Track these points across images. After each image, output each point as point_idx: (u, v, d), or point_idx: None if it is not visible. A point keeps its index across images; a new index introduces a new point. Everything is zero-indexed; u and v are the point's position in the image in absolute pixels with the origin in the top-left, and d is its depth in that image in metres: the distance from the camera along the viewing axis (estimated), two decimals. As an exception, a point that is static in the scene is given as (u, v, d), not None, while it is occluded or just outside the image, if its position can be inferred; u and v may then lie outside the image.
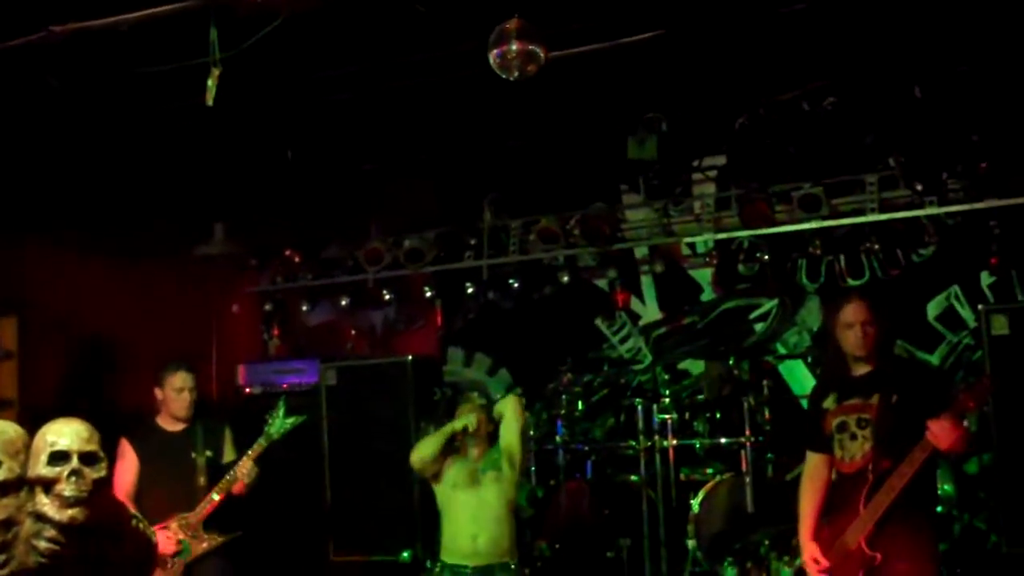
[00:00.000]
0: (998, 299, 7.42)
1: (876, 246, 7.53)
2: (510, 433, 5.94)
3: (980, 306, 6.93)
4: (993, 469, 6.78)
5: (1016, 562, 6.47)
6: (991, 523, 6.96)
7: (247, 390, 8.75)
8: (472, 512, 5.84)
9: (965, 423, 4.28)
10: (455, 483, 5.95)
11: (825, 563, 4.44)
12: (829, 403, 4.63)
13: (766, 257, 7.80)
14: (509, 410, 6.00)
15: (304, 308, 9.11)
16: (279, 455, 6.37)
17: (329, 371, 8.35)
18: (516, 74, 4.92)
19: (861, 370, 4.58)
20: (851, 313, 4.53)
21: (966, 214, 7.22)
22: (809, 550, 4.54)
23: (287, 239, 9.04)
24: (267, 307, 9.18)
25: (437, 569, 6.00)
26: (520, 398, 6.33)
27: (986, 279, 7.60)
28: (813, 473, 4.71)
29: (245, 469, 5.99)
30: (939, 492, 7.02)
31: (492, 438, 6.12)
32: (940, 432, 4.18)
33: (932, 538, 4.48)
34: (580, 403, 8.03)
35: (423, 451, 6.04)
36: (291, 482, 7.89)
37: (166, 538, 5.84)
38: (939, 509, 7.12)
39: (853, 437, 4.49)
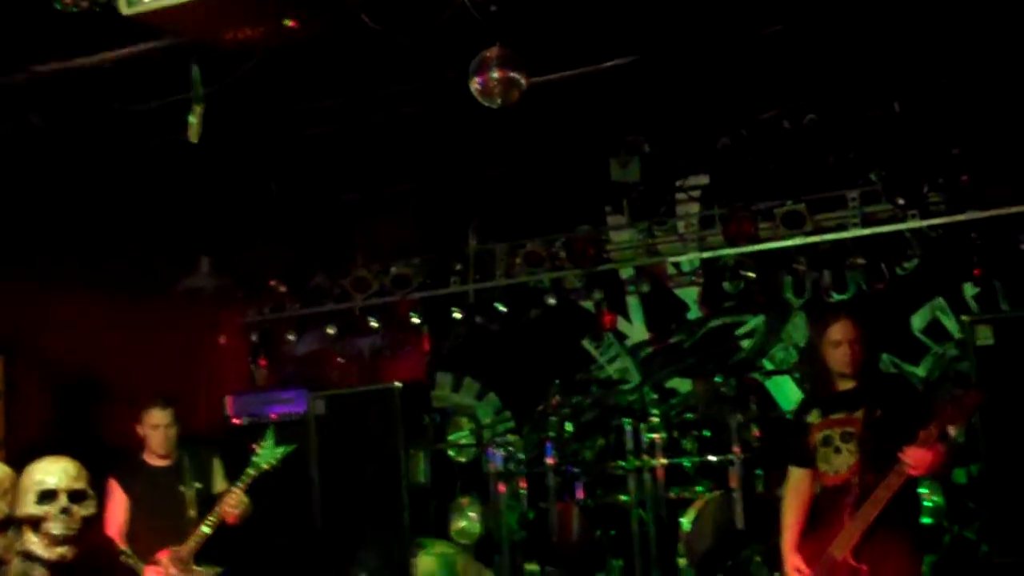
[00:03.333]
0: (982, 309, 7.48)
1: (860, 260, 7.56)
2: None
3: (964, 317, 6.97)
4: (981, 479, 6.81)
5: (1006, 571, 6.48)
6: (981, 533, 6.99)
7: (235, 421, 8.72)
8: None
9: (950, 436, 4.30)
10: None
11: (808, 573, 4.46)
12: (813, 417, 4.67)
13: (751, 274, 7.83)
14: None
15: (291, 338, 9.10)
16: (269, 485, 6.34)
17: (317, 400, 8.34)
18: (498, 101, 4.95)
19: (846, 385, 4.62)
20: (839, 331, 4.57)
21: (948, 226, 7.27)
22: (792, 561, 4.57)
23: (273, 270, 9.04)
24: (254, 338, 9.17)
25: None
26: None
27: (970, 290, 7.66)
28: (796, 487, 4.75)
29: (234, 500, 5.95)
30: (928, 503, 7.07)
31: None
32: (915, 459, 4.24)
33: (916, 550, 4.53)
34: (569, 425, 8.02)
35: None
36: (282, 512, 7.86)
37: (157, 574, 5.81)
38: (928, 520, 7.16)
39: (838, 451, 4.52)
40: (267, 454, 6.12)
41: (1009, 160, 6.94)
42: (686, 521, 7.19)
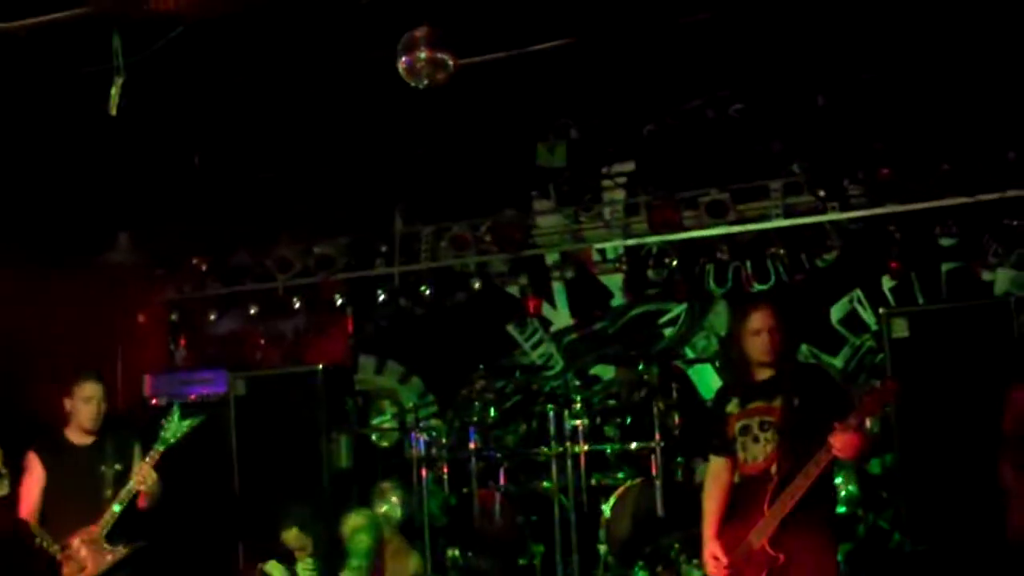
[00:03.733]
0: (899, 302, 7.61)
1: (781, 251, 7.67)
2: None
3: (881, 309, 7.08)
4: (895, 469, 6.93)
5: (919, 560, 6.62)
6: (895, 522, 7.11)
7: (153, 401, 8.58)
8: None
9: (867, 426, 4.35)
10: None
11: (726, 560, 4.48)
12: (732, 407, 4.66)
13: (675, 262, 7.90)
14: None
15: (212, 317, 8.98)
16: (188, 466, 6.25)
17: (238, 381, 8.23)
18: (425, 81, 4.92)
19: (764, 374, 4.62)
20: (759, 320, 4.58)
21: (867, 219, 7.40)
22: (711, 548, 4.57)
23: (193, 248, 8.90)
24: (173, 317, 9.03)
25: None
26: None
27: (887, 283, 7.79)
28: (716, 476, 4.75)
29: (142, 476, 5.84)
30: (843, 493, 7.19)
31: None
32: (843, 442, 4.23)
33: (833, 538, 4.55)
34: (492, 410, 8.02)
35: None
36: (201, 493, 7.76)
37: (68, 557, 5.70)
38: (843, 510, 7.28)
39: (756, 440, 4.52)
40: (173, 428, 6.01)
41: (928, 155, 7.06)
42: (607, 508, 7.23)
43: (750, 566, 4.40)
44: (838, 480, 7.20)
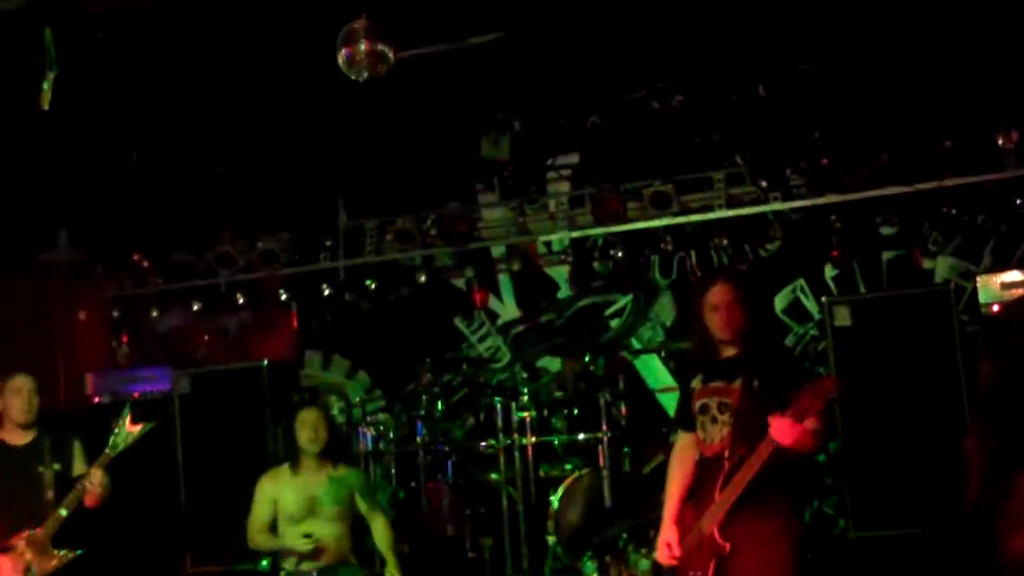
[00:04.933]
0: (841, 291, 7.69)
1: (725, 241, 7.72)
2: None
3: (824, 298, 7.15)
4: (839, 456, 7.00)
5: (863, 545, 6.69)
6: (839, 508, 7.19)
7: (95, 399, 8.46)
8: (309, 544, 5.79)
9: (809, 423, 4.18)
10: (291, 516, 5.86)
11: (677, 551, 4.40)
12: (696, 383, 4.57)
13: (620, 254, 7.93)
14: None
15: (154, 314, 8.87)
16: (131, 466, 6.18)
17: (182, 378, 8.15)
18: (365, 74, 4.88)
19: (727, 352, 4.52)
20: (716, 295, 4.47)
21: (809, 209, 7.47)
22: (666, 533, 4.47)
23: (134, 244, 8.78)
24: (115, 314, 8.91)
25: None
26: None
27: (829, 272, 7.87)
28: (682, 453, 4.63)
29: (96, 480, 5.78)
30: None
31: (333, 453, 6.00)
32: (780, 430, 4.11)
33: (786, 527, 4.36)
34: (440, 403, 8.01)
35: (256, 546, 6.07)
36: (145, 493, 7.67)
37: (12, 561, 5.62)
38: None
39: (714, 420, 4.42)
40: (125, 432, 5.95)
41: (867, 145, 7.14)
42: (555, 499, 7.24)
43: (700, 553, 4.33)
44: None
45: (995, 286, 6.76)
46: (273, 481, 6.07)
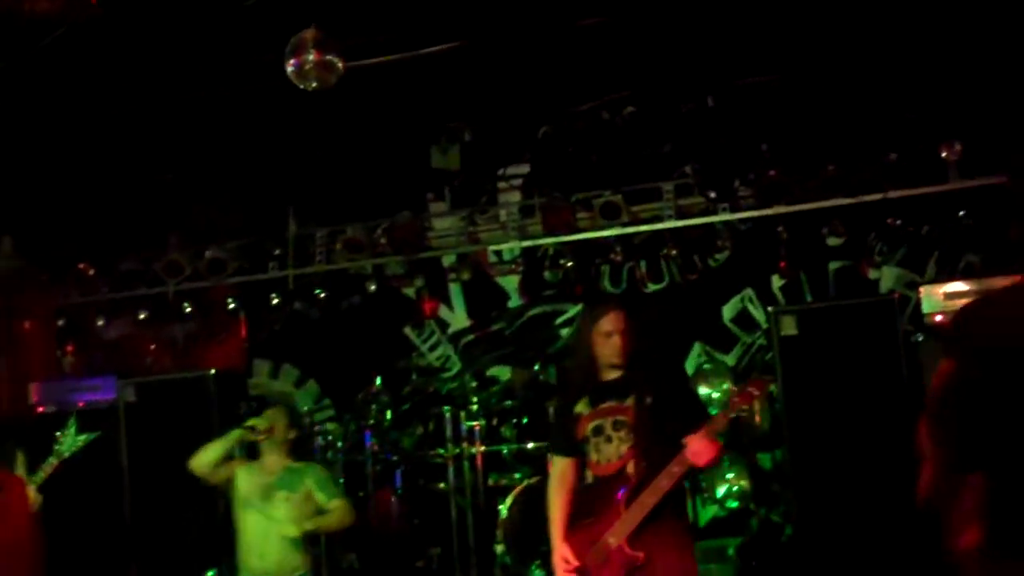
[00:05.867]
0: (789, 300, 7.77)
1: (674, 252, 7.77)
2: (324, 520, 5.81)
3: (770, 308, 7.22)
4: (785, 464, 7.06)
5: (808, 552, 6.75)
6: (786, 516, 7.25)
7: (40, 409, 8.34)
8: (261, 532, 5.67)
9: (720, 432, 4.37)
10: (245, 499, 5.79)
11: (576, 563, 4.44)
12: (582, 407, 4.63)
13: (570, 264, 7.95)
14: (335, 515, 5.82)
15: (100, 323, 8.77)
16: (76, 477, 6.10)
17: (127, 388, 8.06)
18: (314, 84, 4.87)
19: (613, 375, 4.63)
20: (609, 323, 4.60)
21: (757, 220, 7.54)
22: (560, 551, 4.52)
23: (81, 252, 8.68)
24: (61, 323, 8.80)
25: None
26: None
27: (777, 282, 7.95)
28: (562, 477, 4.68)
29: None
30: (735, 488, 7.32)
31: (295, 449, 5.95)
32: (698, 450, 4.30)
33: (688, 536, 4.61)
34: (389, 413, 7.99)
35: (204, 455, 5.83)
36: (89, 505, 7.58)
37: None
38: (735, 504, 7.41)
39: (609, 440, 4.50)
40: (69, 442, 5.87)
41: (814, 157, 7.23)
42: (504, 508, 7.24)
43: (608, 567, 4.38)
44: (730, 475, 7.36)
45: (938, 296, 6.85)
46: (237, 463, 5.98)
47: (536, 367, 7.81)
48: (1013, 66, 6.32)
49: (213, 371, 7.99)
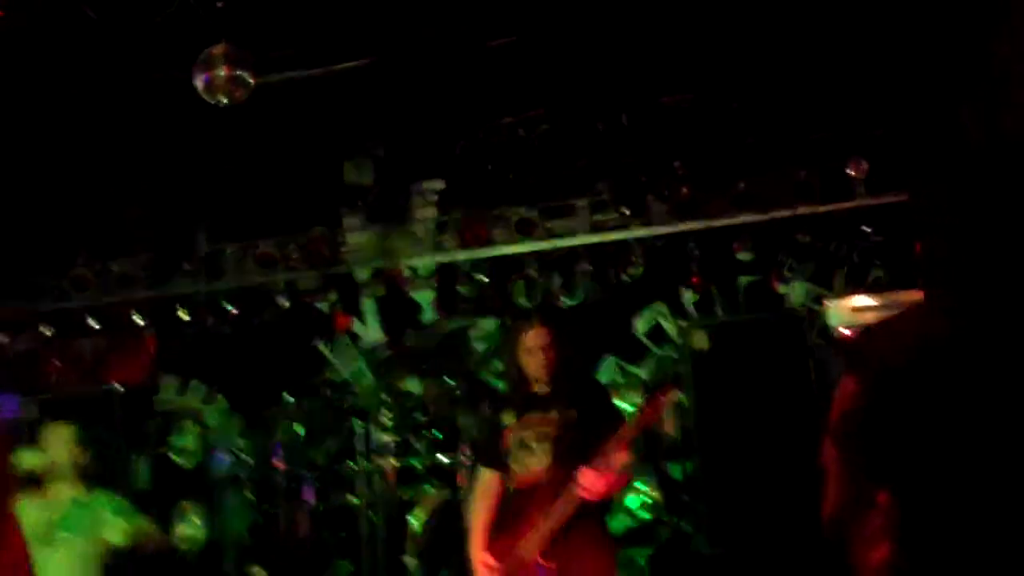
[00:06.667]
0: (700, 314, 7.87)
1: (589, 267, 7.81)
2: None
3: (681, 322, 7.30)
4: (696, 474, 7.14)
5: (718, 562, 6.83)
6: (697, 526, 7.33)
7: (-61, 428, 8.10)
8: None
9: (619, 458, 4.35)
10: (32, 535, 5.03)
11: (498, 566, 4.49)
12: (508, 419, 4.69)
13: (485, 279, 7.95)
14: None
15: (3, 339, 8.53)
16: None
17: (30, 406, 7.86)
18: (223, 99, 4.82)
19: (540, 389, 4.69)
20: (532, 338, 4.65)
21: (669, 236, 7.62)
22: (480, 558, 4.58)
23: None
24: (-40, 340, 8.54)
25: None
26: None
27: (690, 297, 8.04)
28: (485, 489, 4.75)
29: None
30: (648, 499, 7.38)
31: (90, 477, 5.23)
32: (588, 483, 4.31)
33: (607, 543, 4.63)
34: (300, 427, 7.90)
35: None
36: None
37: None
38: (647, 516, 7.47)
39: (531, 451, 4.56)
40: None
41: (726, 174, 7.34)
42: (415, 521, 7.21)
43: None
44: (640, 486, 7.42)
45: (845, 310, 7.01)
46: (23, 497, 5.05)
47: (451, 381, 7.79)
48: (916, 86, 6.48)
49: (119, 386, 7.84)
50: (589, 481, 4.30)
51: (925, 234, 2.45)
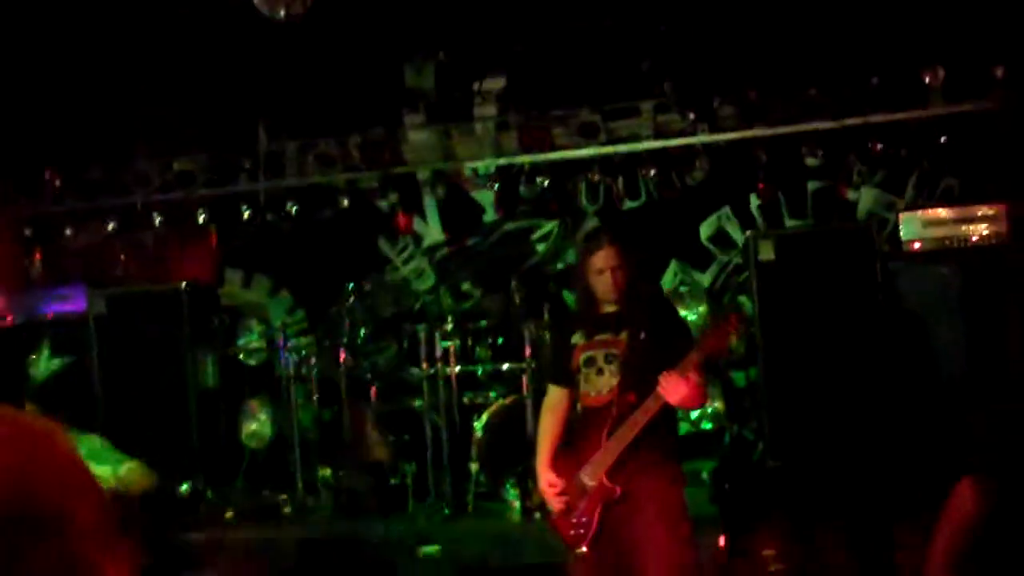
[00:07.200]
0: (766, 220, 7.73)
1: (652, 170, 7.67)
2: None
3: (747, 232, 7.17)
4: (759, 383, 7.10)
5: (777, 474, 6.83)
6: (758, 433, 7.31)
7: (8, 319, 8.24)
8: None
9: (693, 377, 4.24)
10: None
11: (561, 486, 4.48)
12: (578, 338, 4.62)
13: (546, 181, 7.85)
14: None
15: (68, 232, 8.62)
16: (45, 393, 6.06)
17: (98, 299, 7.95)
18: (282, 12, 4.71)
19: (610, 308, 4.61)
20: (602, 259, 4.55)
21: (736, 141, 7.43)
22: (546, 476, 4.56)
23: (46, 160, 8.46)
24: (27, 232, 8.64)
25: None
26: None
27: (755, 201, 7.89)
28: (554, 406, 4.73)
29: None
30: (709, 410, 7.37)
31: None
32: (669, 386, 4.22)
33: (677, 475, 4.54)
34: (363, 329, 7.94)
35: None
36: (61, 418, 7.53)
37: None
38: (709, 426, 7.47)
39: (600, 372, 4.50)
40: (43, 366, 5.83)
41: (796, 80, 7.11)
42: (479, 425, 7.25)
43: (585, 498, 4.41)
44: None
45: (917, 223, 6.84)
46: None
47: (512, 285, 7.74)
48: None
49: (184, 284, 7.91)
50: (672, 384, 4.23)
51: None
